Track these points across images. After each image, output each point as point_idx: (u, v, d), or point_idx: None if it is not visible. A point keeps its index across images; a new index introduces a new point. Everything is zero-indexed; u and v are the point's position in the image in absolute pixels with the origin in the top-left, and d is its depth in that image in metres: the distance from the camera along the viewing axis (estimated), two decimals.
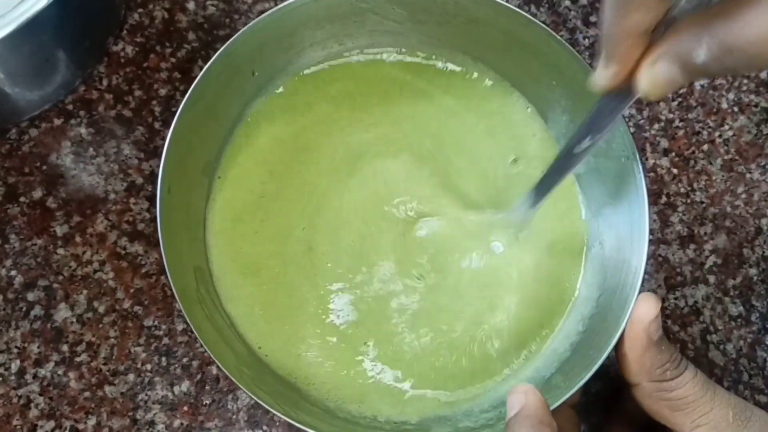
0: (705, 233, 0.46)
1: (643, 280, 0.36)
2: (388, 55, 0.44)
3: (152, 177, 0.44)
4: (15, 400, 0.41)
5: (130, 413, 0.41)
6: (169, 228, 0.36)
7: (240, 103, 0.42)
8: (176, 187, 0.37)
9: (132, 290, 0.42)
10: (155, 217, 0.43)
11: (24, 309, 0.42)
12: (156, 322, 0.42)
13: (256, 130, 0.42)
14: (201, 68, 0.46)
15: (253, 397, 0.33)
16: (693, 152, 0.48)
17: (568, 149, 0.34)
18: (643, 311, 0.34)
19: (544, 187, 0.37)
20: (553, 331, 0.41)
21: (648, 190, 0.37)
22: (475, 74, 0.44)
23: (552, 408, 0.33)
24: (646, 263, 0.36)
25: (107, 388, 0.41)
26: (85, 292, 0.42)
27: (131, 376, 0.41)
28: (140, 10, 0.47)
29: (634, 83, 0.27)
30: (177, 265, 0.36)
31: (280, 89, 0.43)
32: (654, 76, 0.26)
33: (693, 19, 0.24)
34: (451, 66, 0.44)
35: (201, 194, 0.41)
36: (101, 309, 0.42)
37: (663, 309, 0.45)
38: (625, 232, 0.38)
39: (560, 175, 0.36)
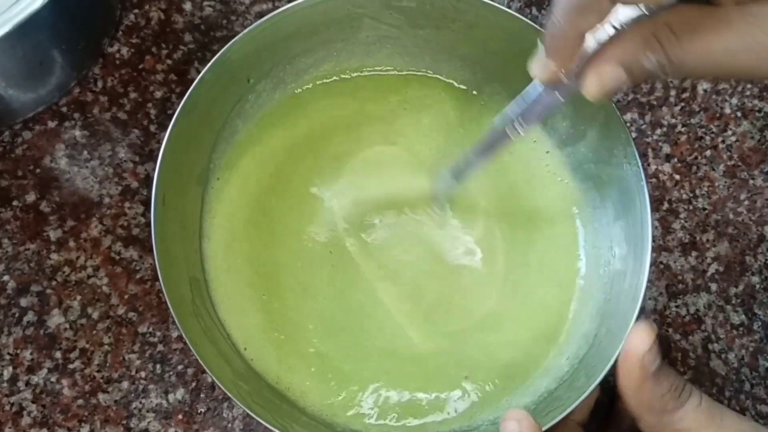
0: (707, 240, 0.46)
1: (645, 288, 0.35)
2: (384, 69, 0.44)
3: (147, 181, 0.44)
4: (7, 407, 0.40)
5: (124, 421, 0.40)
6: (164, 239, 0.35)
7: (235, 110, 0.41)
8: (171, 196, 0.36)
9: (126, 296, 0.42)
10: (150, 222, 0.42)
11: (17, 315, 0.41)
12: (151, 329, 0.42)
13: (252, 138, 0.42)
14: (197, 70, 0.45)
15: (249, 412, 0.33)
16: (695, 158, 0.47)
17: (497, 130, 0.34)
18: (636, 343, 0.32)
19: (466, 163, 0.37)
20: (557, 343, 0.40)
21: (650, 196, 0.36)
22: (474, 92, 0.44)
23: (554, 421, 0.32)
24: (648, 271, 0.35)
25: (101, 396, 0.40)
26: (78, 297, 0.42)
27: (125, 384, 0.41)
28: (136, 10, 0.46)
29: (581, 85, 0.28)
30: (172, 277, 0.35)
31: (277, 97, 0.42)
32: (602, 79, 0.28)
33: (642, 27, 0.26)
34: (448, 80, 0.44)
35: (196, 203, 0.40)
36: (95, 315, 0.41)
37: (664, 317, 0.44)
38: (628, 240, 0.38)
39: (484, 156, 0.36)
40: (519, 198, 0.42)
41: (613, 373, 0.35)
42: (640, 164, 0.36)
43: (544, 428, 0.32)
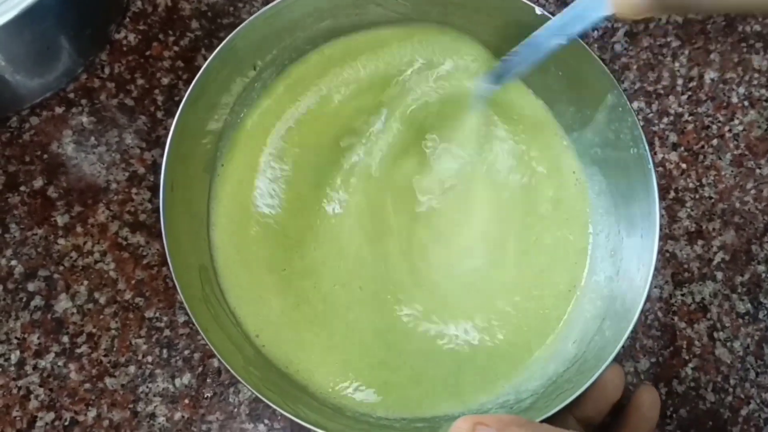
0: (713, 229, 0.46)
1: (653, 270, 0.35)
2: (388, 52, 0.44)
3: (154, 167, 0.44)
4: (15, 391, 0.40)
5: (131, 405, 0.40)
6: (173, 226, 0.35)
7: (241, 98, 0.41)
8: (179, 184, 0.37)
9: (133, 281, 0.42)
10: (157, 208, 0.42)
11: (24, 299, 0.41)
12: (157, 314, 0.42)
13: (258, 125, 0.42)
14: (204, 57, 0.45)
15: (262, 398, 0.33)
16: (702, 147, 0.47)
17: (537, 38, 0.36)
18: None
19: (506, 65, 0.39)
20: (565, 326, 0.40)
21: (656, 178, 0.36)
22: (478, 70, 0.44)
23: (564, 404, 0.33)
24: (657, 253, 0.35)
25: (108, 380, 0.41)
26: (85, 282, 0.42)
27: (132, 368, 0.41)
28: None
29: None
30: (181, 265, 0.35)
31: (282, 84, 0.42)
32: None
33: None
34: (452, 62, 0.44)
35: (203, 192, 0.40)
36: (102, 300, 0.42)
37: (670, 305, 0.44)
38: (635, 223, 0.38)
39: (524, 63, 0.38)
40: (530, 179, 0.42)
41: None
42: (646, 148, 0.36)
43: (555, 410, 0.33)
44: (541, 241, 0.41)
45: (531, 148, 0.42)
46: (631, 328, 0.34)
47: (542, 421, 0.33)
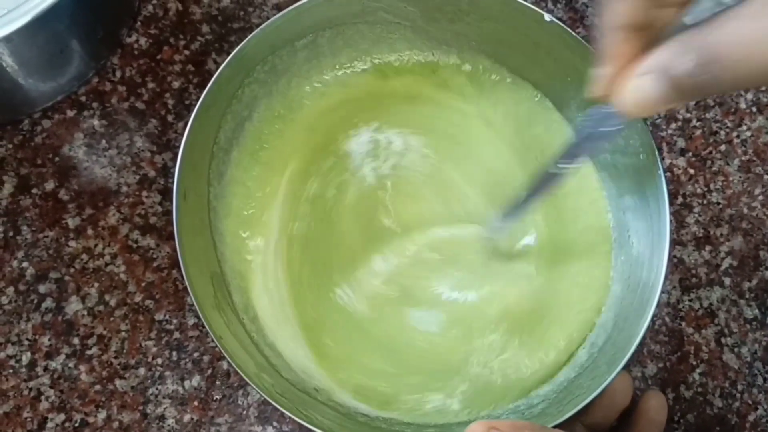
0: (721, 235, 0.46)
1: (665, 274, 0.35)
2: (397, 58, 0.44)
3: (165, 170, 0.44)
4: (26, 392, 0.40)
5: (141, 407, 0.41)
6: (186, 234, 0.36)
7: (251, 107, 0.41)
8: (191, 193, 0.37)
9: (143, 284, 0.42)
10: (167, 211, 0.43)
11: (35, 301, 0.42)
12: (167, 317, 0.42)
13: (266, 135, 0.42)
14: (214, 61, 0.46)
15: (275, 404, 0.33)
16: (710, 152, 0.47)
17: (547, 168, 0.33)
18: None
19: (519, 204, 0.37)
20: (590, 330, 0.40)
21: (666, 184, 0.36)
22: (490, 74, 0.44)
23: (576, 408, 0.33)
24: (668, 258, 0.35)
25: (118, 382, 0.41)
26: (96, 285, 0.42)
27: (142, 370, 0.41)
28: (154, 1, 0.47)
29: (616, 100, 0.25)
30: (195, 272, 0.35)
31: (291, 94, 0.42)
32: (637, 88, 0.24)
33: (682, 33, 0.23)
34: (463, 65, 0.44)
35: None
36: (112, 302, 0.42)
37: (677, 311, 0.44)
38: (645, 229, 0.38)
39: (536, 195, 0.35)
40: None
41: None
42: (656, 154, 0.36)
43: (566, 416, 0.33)
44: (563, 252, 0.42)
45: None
46: (642, 333, 0.34)
47: (553, 427, 0.33)
